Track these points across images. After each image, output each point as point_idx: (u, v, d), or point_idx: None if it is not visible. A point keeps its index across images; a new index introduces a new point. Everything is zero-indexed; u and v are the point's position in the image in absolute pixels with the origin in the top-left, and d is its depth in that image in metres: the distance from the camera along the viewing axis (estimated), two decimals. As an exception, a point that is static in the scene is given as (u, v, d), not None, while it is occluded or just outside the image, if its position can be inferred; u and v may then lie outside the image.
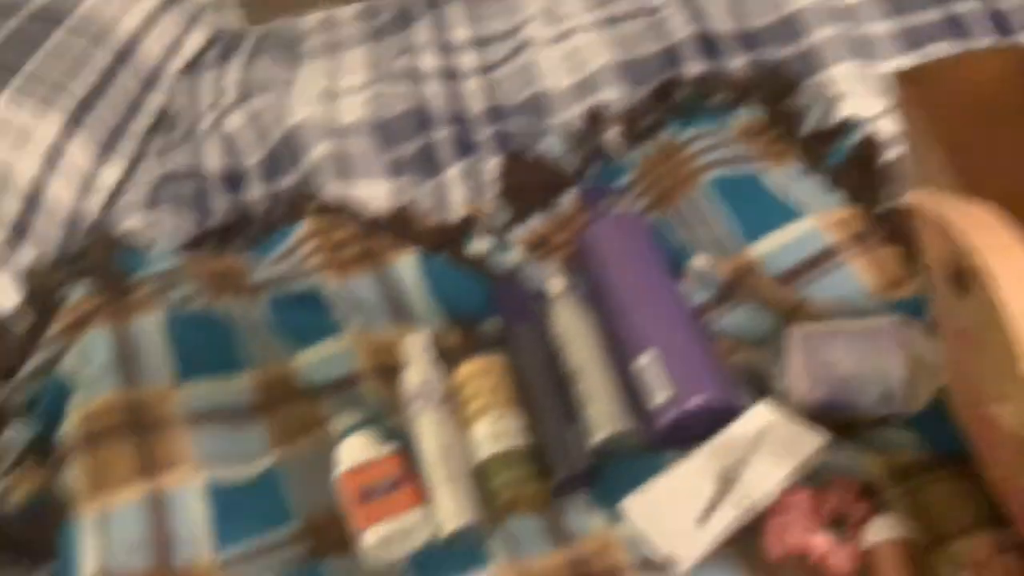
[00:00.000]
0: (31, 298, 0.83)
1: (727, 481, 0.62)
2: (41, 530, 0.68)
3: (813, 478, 0.64)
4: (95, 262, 0.82)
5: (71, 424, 0.73)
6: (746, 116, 0.87)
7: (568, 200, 0.84)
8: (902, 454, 0.63)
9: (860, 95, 0.86)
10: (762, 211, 0.78)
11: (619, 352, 0.72)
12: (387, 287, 0.79)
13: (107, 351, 0.76)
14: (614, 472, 0.68)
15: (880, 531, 0.58)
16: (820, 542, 0.58)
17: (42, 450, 0.73)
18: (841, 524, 0.62)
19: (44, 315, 0.81)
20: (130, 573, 0.64)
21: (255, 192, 0.96)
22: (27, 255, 0.85)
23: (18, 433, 0.74)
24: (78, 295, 0.80)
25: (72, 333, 0.79)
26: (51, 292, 0.82)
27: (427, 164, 0.93)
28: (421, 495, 0.66)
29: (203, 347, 0.78)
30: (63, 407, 0.75)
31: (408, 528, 0.64)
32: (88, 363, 0.76)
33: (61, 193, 0.90)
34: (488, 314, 0.78)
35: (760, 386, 0.72)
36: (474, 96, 0.99)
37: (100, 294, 0.80)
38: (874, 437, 0.66)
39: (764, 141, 0.85)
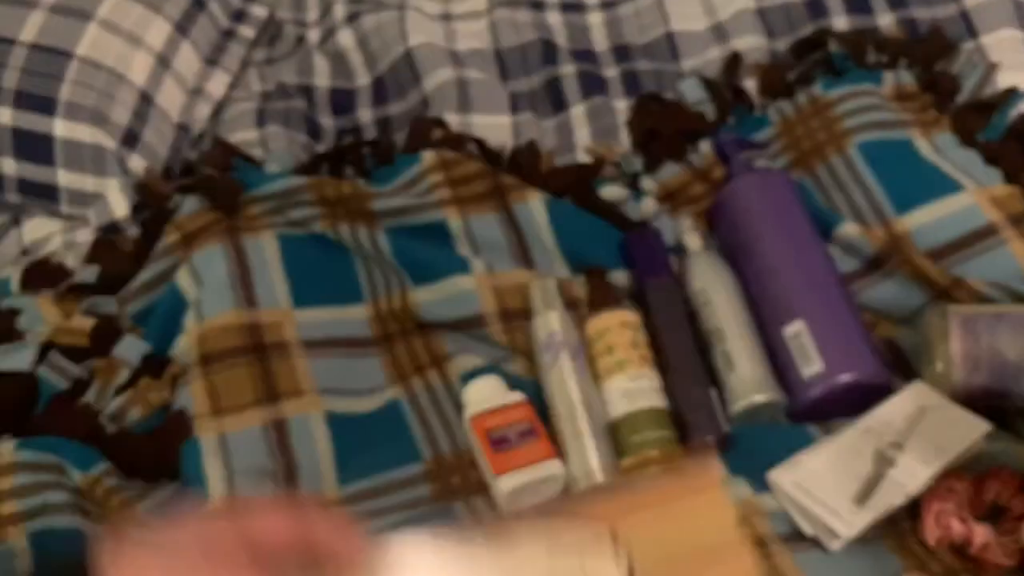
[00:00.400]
0: (142, 208, 0.80)
1: (884, 461, 0.60)
2: (161, 448, 0.67)
3: (970, 467, 0.61)
4: (210, 175, 0.79)
5: (187, 342, 0.71)
6: (898, 78, 0.82)
7: (705, 150, 0.80)
8: (1063, 449, 0.61)
9: (1021, 65, 0.81)
10: (916, 180, 0.74)
11: (763, 316, 0.69)
12: (514, 228, 0.76)
13: (223, 269, 0.74)
14: (751, 441, 0.66)
15: (1041, 527, 0.56)
16: (981, 532, 0.56)
17: (158, 366, 0.71)
18: (999, 516, 0.60)
19: (155, 226, 0.78)
20: None
21: (365, 116, 0.92)
22: (138, 164, 0.82)
23: (132, 348, 0.72)
24: (191, 208, 0.77)
25: (185, 247, 0.76)
26: (163, 203, 0.80)
27: (551, 100, 0.88)
28: (553, 447, 0.65)
29: (320, 273, 0.76)
30: (178, 323, 0.73)
31: (542, 479, 0.63)
32: (203, 280, 0.74)
33: (171, 101, 0.86)
34: (619, 264, 0.75)
35: (903, 365, 0.69)
36: (598, 31, 0.94)
37: (215, 209, 0.77)
38: (1030, 428, 0.63)
39: (916, 107, 0.81)
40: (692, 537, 0.41)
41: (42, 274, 0.78)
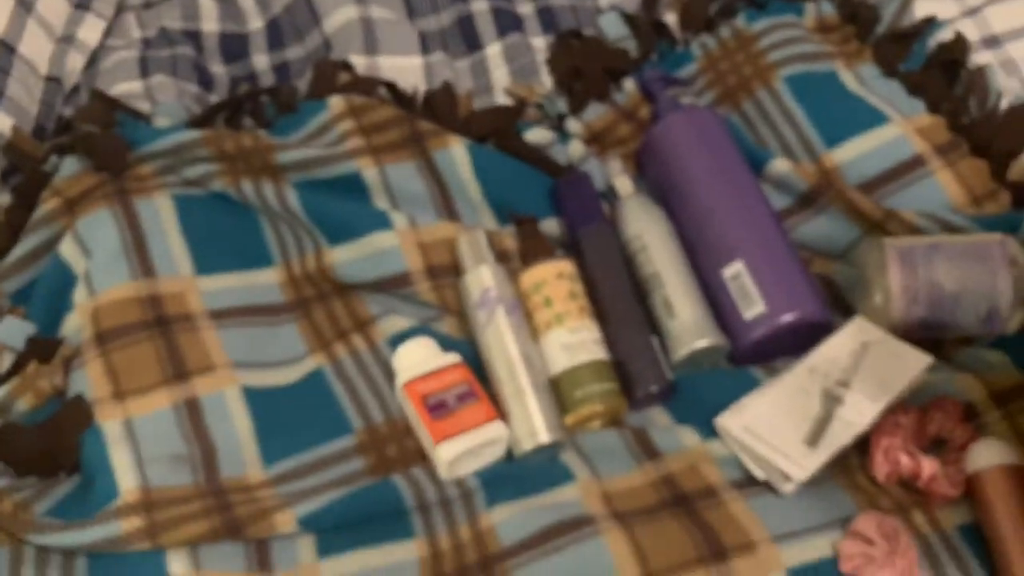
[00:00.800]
0: (12, 172, 0.71)
1: (832, 400, 0.59)
2: (57, 440, 0.60)
3: (912, 400, 0.61)
4: (91, 132, 0.71)
5: (79, 320, 0.64)
6: (819, 10, 0.80)
7: (629, 88, 0.77)
8: (1000, 377, 0.61)
9: (936, -6, 0.80)
10: (844, 113, 0.73)
11: (700, 259, 0.66)
12: (435, 177, 0.71)
13: (114, 236, 0.66)
14: (695, 388, 0.64)
15: (984, 456, 0.56)
16: (928, 465, 0.56)
17: (46, 349, 0.64)
18: (942, 447, 0.60)
19: (30, 192, 0.70)
20: (175, 489, 0.57)
21: (261, 62, 0.85)
22: (3, 122, 0.73)
23: (14, 330, 0.64)
24: (71, 170, 0.69)
25: (68, 214, 0.68)
26: (37, 165, 0.71)
27: (464, 39, 0.83)
28: (494, 408, 0.61)
29: (223, 236, 0.69)
30: (65, 299, 0.66)
31: (484, 443, 0.59)
32: (92, 250, 0.66)
33: (37, 50, 0.76)
34: (549, 212, 0.71)
35: (839, 302, 0.69)
36: (508, -36, 0.89)
37: (99, 170, 0.69)
38: (967, 358, 0.64)
39: (838, 38, 0.79)
40: None
41: (-102, 252, 0.69)
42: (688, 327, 0.63)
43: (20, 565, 0.56)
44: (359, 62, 0.80)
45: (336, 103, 0.73)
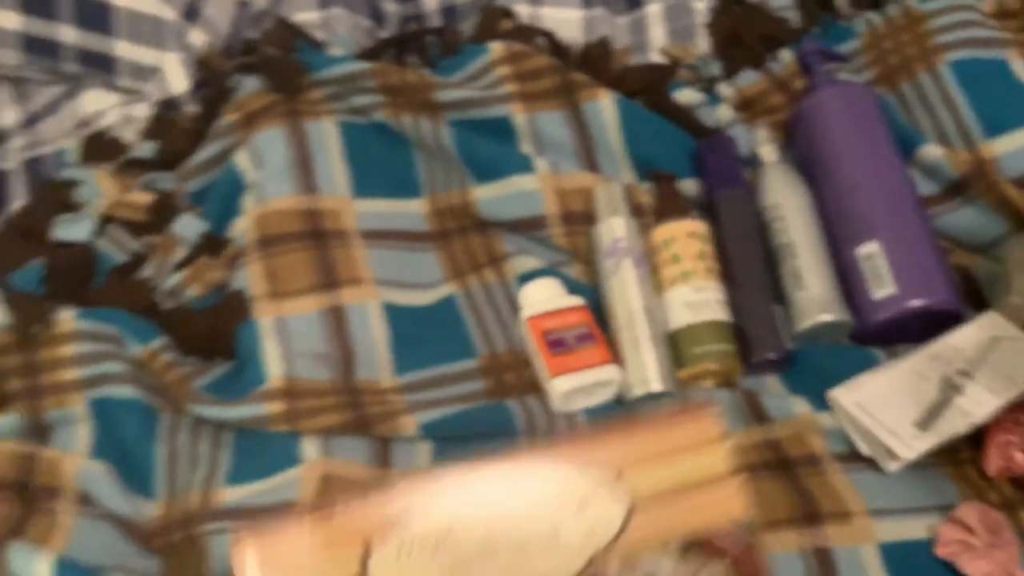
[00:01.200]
0: (202, 85, 0.79)
1: (951, 388, 0.59)
2: (218, 326, 0.67)
3: (1038, 400, 0.60)
4: (273, 55, 0.77)
5: (246, 224, 0.71)
6: (1000, -8, 0.77)
7: (786, 59, 0.76)
8: None
9: None
10: (1010, 104, 0.70)
11: (837, 235, 0.67)
12: (581, 128, 0.74)
13: (284, 152, 0.72)
14: (813, 360, 0.65)
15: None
16: (1045, 468, 0.55)
17: (215, 246, 0.71)
18: (1064, 452, 0.58)
19: (215, 104, 0.77)
20: (315, 383, 0.63)
21: (430, 3, 0.89)
22: (198, 39, 0.80)
23: (190, 226, 0.72)
24: (252, 88, 0.76)
25: (246, 128, 0.75)
26: (223, 81, 0.78)
27: (625, -4, 0.84)
28: (610, 353, 0.64)
29: (380, 164, 0.74)
30: (236, 204, 0.73)
31: (597, 383, 0.62)
32: (263, 162, 0.73)
33: (233, -26, 0.83)
34: (689, 173, 0.72)
35: (975, 296, 0.67)
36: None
37: (276, 91, 0.75)
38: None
39: (1017, 26, 0.76)
40: (686, 477, 0.45)
41: (100, 147, 0.77)
42: (815, 300, 0.64)
43: (177, 431, 0.63)
44: (522, 11, 0.83)
45: (497, 48, 0.76)
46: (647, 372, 0.62)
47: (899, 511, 0.55)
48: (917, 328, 0.64)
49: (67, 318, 0.65)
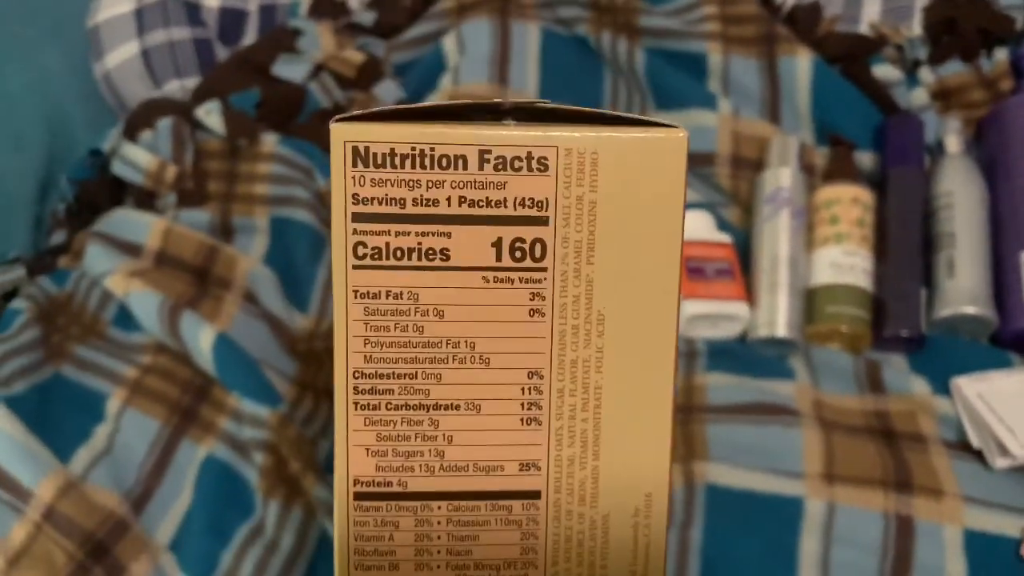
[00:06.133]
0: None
1: (1084, 407, 0.57)
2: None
3: None
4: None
5: (439, 99, 0.76)
6: None
7: (999, 57, 0.74)
8: None
9: None
10: None
11: (1003, 236, 0.66)
12: (772, 80, 0.75)
13: (487, 44, 0.77)
14: (945, 349, 0.65)
15: None
16: None
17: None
18: None
19: (435, -13, 0.83)
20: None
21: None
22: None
23: (390, 91, 0.78)
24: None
25: (458, 15, 0.80)
26: (447, -31, 0.83)
27: (849, -33, 0.84)
28: (746, 292, 0.66)
29: (570, 74, 0.78)
30: (434, 82, 0.79)
31: (723, 316, 0.65)
32: (467, 49, 0.78)
33: None
34: (869, 147, 0.72)
35: None
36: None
37: (493, -13, 0.80)
38: None
39: None
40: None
41: (327, 6, 0.85)
42: (963, 290, 0.64)
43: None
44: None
45: (708, -14, 0.78)
46: (776, 316, 0.64)
47: (994, 504, 0.55)
48: (1064, 346, 0.62)
49: (270, 141, 0.73)
